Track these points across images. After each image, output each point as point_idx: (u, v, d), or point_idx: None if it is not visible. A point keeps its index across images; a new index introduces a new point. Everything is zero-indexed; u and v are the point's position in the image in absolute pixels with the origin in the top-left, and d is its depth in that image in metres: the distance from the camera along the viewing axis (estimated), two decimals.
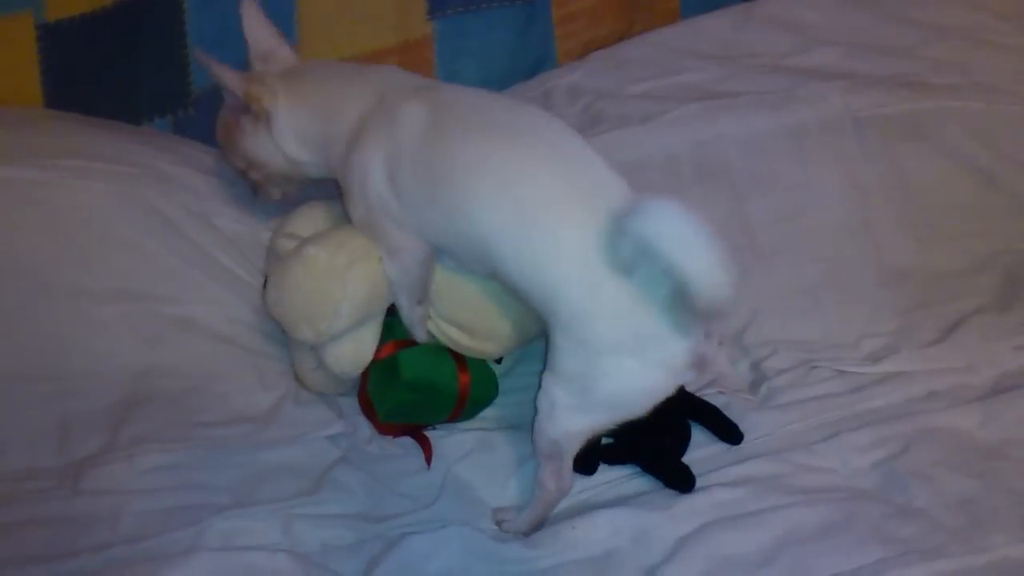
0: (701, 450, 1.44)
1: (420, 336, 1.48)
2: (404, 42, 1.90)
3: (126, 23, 1.83)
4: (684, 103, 1.82)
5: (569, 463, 1.31)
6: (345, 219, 1.51)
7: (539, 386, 1.29)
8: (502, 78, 1.96)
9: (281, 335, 1.57)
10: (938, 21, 1.94)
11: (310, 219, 1.55)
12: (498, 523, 1.37)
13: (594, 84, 1.90)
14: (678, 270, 1.08)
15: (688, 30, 1.99)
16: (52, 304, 1.51)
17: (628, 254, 1.14)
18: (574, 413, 1.26)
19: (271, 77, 1.45)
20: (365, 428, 1.52)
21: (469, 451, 1.47)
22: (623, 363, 1.21)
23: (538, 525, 1.34)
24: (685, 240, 1.08)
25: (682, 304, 1.14)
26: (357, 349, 1.48)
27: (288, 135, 1.44)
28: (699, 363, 1.22)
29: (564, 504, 1.37)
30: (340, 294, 1.41)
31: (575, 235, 1.19)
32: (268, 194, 1.56)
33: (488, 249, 1.28)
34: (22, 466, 1.40)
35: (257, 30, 1.49)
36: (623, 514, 1.33)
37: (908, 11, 1.96)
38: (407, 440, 1.50)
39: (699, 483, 1.38)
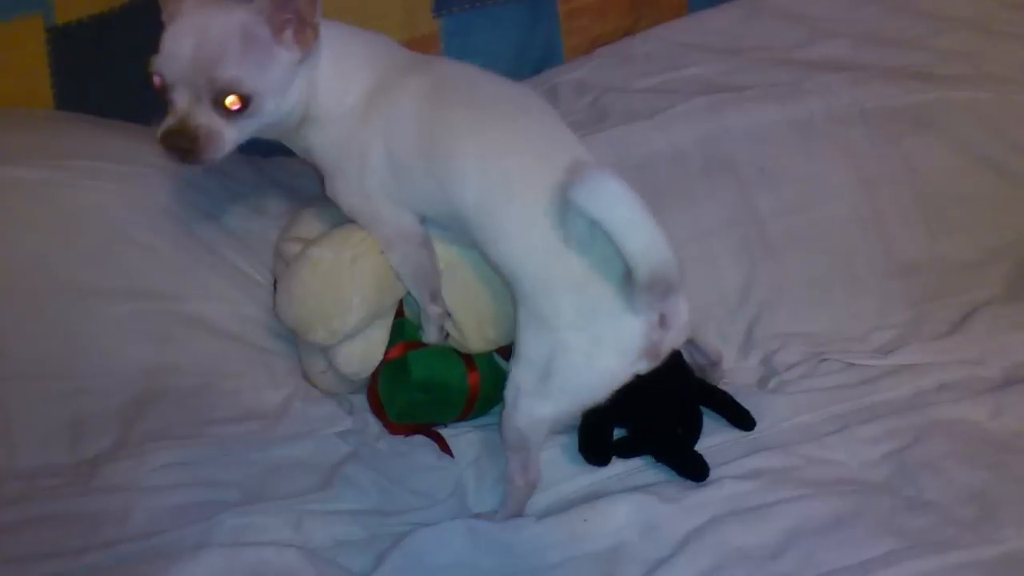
0: (711, 438, 1.45)
1: (431, 338, 1.49)
2: (411, 39, 1.90)
3: (134, 24, 1.84)
4: (691, 97, 1.82)
5: (536, 456, 1.34)
6: (348, 220, 1.51)
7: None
8: (508, 74, 1.90)
9: (291, 333, 1.58)
10: (946, 11, 1.93)
11: (316, 220, 1.56)
12: None
13: (601, 79, 1.90)
14: (613, 235, 1.10)
15: (694, 24, 1.98)
16: (64, 303, 1.52)
17: (580, 229, 1.16)
18: (536, 400, 1.28)
19: None
20: (375, 424, 1.52)
21: (478, 447, 1.48)
22: (577, 342, 1.23)
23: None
24: (617, 206, 1.10)
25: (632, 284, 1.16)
26: (367, 350, 1.49)
27: (326, 77, 1.34)
28: (652, 352, 1.23)
29: (575, 496, 1.38)
30: (349, 290, 1.42)
31: (545, 209, 1.21)
32: (208, 153, 1.28)
33: (471, 218, 1.31)
34: (35, 463, 1.42)
35: None
36: (633, 507, 1.33)
37: (915, 2, 1.95)
38: (417, 436, 1.50)
39: (710, 475, 1.37)
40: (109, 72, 1.86)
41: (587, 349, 1.23)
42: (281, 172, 1.82)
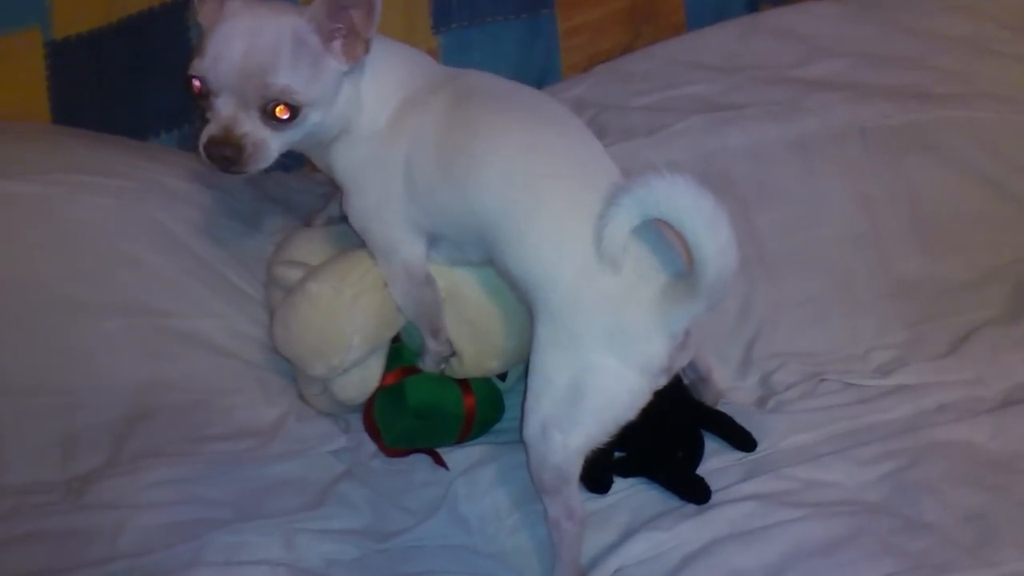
0: (709, 462, 1.43)
1: (429, 368, 1.49)
2: None
3: (132, 39, 1.84)
4: (689, 115, 1.82)
5: (576, 490, 1.27)
6: (342, 243, 1.50)
7: (522, 419, 1.26)
8: None
9: None
10: (943, 31, 1.93)
11: (308, 242, 1.54)
12: None
13: (599, 97, 1.90)
14: (692, 232, 1.08)
15: (693, 42, 1.98)
16: (57, 318, 1.52)
17: (618, 242, 1.13)
18: (568, 428, 1.21)
19: None
20: (369, 443, 1.51)
21: (473, 465, 1.46)
22: (608, 362, 1.18)
23: (579, 572, 1.28)
24: (701, 201, 1.07)
25: (671, 298, 1.15)
26: (363, 377, 1.48)
27: (367, 93, 1.30)
28: (670, 369, 1.22)
29: None
30: (350, 328, 1.40)
31: (581, 222, 1.17)
32: (254, 162, 1.26)
33: (492, 227, 1.26)
34: (26, 480, 1.41)
35: None
36: (631, 530, 1.32)
37: (913, 22, 1.95)
38: (411, 455, 1.49)
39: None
40: (106, 87, 1.87)
41: (618, 369, 1.18)
42: (277, 188, 1.82)
